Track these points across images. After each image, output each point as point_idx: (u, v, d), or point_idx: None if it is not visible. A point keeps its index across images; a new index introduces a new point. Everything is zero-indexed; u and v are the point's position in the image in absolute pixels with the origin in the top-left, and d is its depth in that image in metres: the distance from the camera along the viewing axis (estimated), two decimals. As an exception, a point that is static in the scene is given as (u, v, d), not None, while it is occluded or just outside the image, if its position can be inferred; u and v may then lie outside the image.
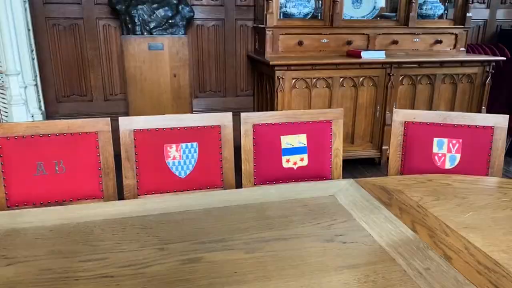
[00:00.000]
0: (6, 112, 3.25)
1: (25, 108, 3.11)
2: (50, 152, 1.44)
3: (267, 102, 3.37)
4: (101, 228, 1.04)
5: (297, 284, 0.82)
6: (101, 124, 1.48)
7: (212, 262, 0.90)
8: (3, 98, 3.24)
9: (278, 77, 3.03)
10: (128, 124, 1.51)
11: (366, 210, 1.13)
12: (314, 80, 3.12)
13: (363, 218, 1.09)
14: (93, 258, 0.91)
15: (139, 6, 3.06)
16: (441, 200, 1.21)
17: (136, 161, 1.53)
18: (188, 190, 1.57)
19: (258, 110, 3.69)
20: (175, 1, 3.18)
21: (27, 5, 3.16)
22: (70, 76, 3.44)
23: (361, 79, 3.20)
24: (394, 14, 3.58)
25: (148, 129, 1.53)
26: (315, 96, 3.16)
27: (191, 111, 3.35)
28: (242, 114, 1.60)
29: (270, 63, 2.98)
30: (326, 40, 3.39)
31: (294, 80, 3.08)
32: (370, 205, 1.16)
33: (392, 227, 1.04)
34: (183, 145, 1.55)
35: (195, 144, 1.56)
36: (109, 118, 1.50)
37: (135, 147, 1.52)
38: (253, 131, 1.61)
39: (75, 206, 1.19)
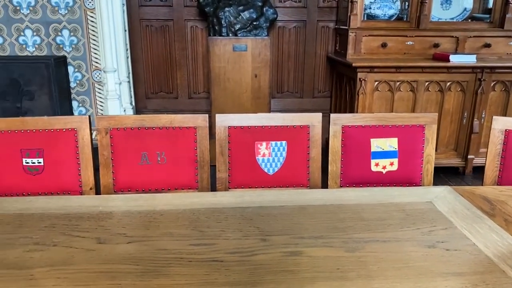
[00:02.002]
0: (102, 105, 3.56)
1: (119, 103, 3.38)
2: (153, 143, 1.57)
3: (346, 104, 3.34)
4: (206, 215, 1.12)
5: (401, 286, 0.82)
6: (200, 120, 1.58)
7: (313, 257, 0.93)
8: (99, 92, 3.55)
9: (360, 79, 2.99)
10: (224, 121, 1.59)
11: (468, 219, 1.09)
12: (398, 83, 3.03)
13: (465, 226, 1.06)
14: (202, 243, 0.98)
15: (226, 9, 3.18)
16: (552, 215, 1.13)
17: (229, 156, 1.60)
18: (275, 187, 1.62)
19: (336, 112, 3.66)
20: (259, 4, 3.27)
21: (125, 7, 3.44)
22: (159, 74, 3.67)
23: (448, 83, 3.05)
24: (487, 15, 3.36)
25: (241, 126, 1.60)
26: (398, 99, 3.07)
27: (269, 111, 3.42)
28: (332, 115, 1.62)
29: (353, 64, 2.95)
30: (411, 43, 3.28)
31: (376, 83, 3.02)
32: (472, 214, 1.12)
33: (498, 238, 0.99)
34: (273, 143, 1.60)
35: (284, 142, 1.60)
36: (207, 115, 1.59)
37: (228, 143, 1.60)
38: (342, 132, 1.61)
39: (180, 194, 1.29)
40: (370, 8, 3.31)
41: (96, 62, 3.49)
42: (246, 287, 0.82)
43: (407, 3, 3.32)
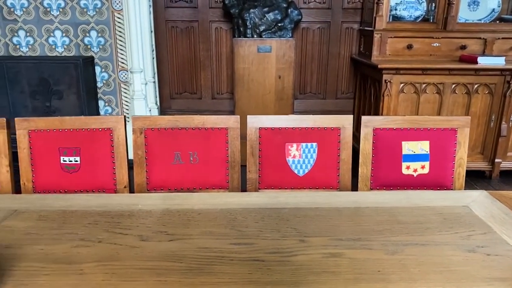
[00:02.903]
0: (127, 105, 3.62)
1: (145, 103, 3.44)
2: (186, 143, 1.60)
3: (370, 106, 3.32)
4: (243, 215, 1.13)
5: (444, 290, 0.83)
6: (232, 121, 1.60)
7: (354, 259, 0.93)
8: (125, 93, 3.61)
9: (385, 80, 2.97)
10: (255, 122, 1.61)
11: (507, 224, 1.08)
12: (424, 85, 3.01)
13: (504, 231, 1.05)
14: (242, 242, 1.00)
15: (251, 10, 3.20)
16: None
17: (259, 156, 1.62)
18: (304, 188, 1.63)
19: (359, 114, 3.65)
20: (284, 5, 3.28)
21: (151, 9, 3.50)
22: (183, 75, 3.72)
23: (475, 86, 3.01)
24: (517, 16, 3.30)
25: (272, 128, 1.61)
26: (423, 101, 3.04)
27: (292, 112, 3.42)
28: (363, 118, 1.62)
29: (379, 66, 2.94)
30: (437, 44, 3.24)
31: (402, 85, 3.00)
32: (510, 219, 1.11)
33: (540, 244, 0.98)
34: (303, 144, 1.61)
35: (314, 144, 1.61)
36: (238, 116, 1.61)
37: (259, 143, 1.62)
38: (374, 135, 1.61)
39: (215, 194, 1.31)
40: (396, 10, 3.29)
41: (122, 63, 3.56)
42: (289, 287, 0.84)
43: (433, 5, 3.28)
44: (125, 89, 3.61)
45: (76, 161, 1.56)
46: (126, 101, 3.63)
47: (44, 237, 1.02)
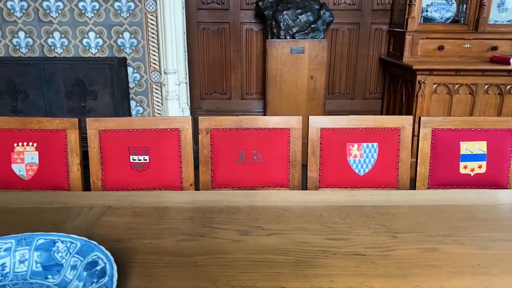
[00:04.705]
0: (158, 106, 3.69)
1: (178, 103, 3.49)
2: (250, 143, 1.65)
3: (401, 106, 3.36)
4: (328, 212, 1.18)
5: (547, 282, 0.87)
6: (294, 122, 1.65)
7: (449, 253, 0.98)
8: (156, 93, 3.67)
9: (419, 81, 3.01)
10: (316, 122, 1.66)
11: None
12: (457, 86, 3.05)
13: None
14: (337, 238, 1.05)
15: (285, 12, 3.25)
16: None
17: (320, 156, 1.67)
18: (364, 188, 1.67)
19: (388, 114, 3.69)
20: (317, 7, 3.32)
21: (184, 10, 3.55)
22: (214, 76, 3.78)
23: (508, 87, 3.05)
24: (547, 18, 3.33)
25: (333, 128, 1.66)
26: (456, 102, 3.08)
27: (324, 112, 3.47)
28: (423, 118, 1.66)
29: (413, 67, 2.98)
30: (468, 45, 3.28)
31: (435, 85, 3.04)
32: None
33: None
34: (364, 144, 1.66)
35: (375, 144, 1.66)
36: (300, 117, 1.66)
37: (320, 143, 1.66)
38: (432, 135, 1.66)
39: (294, 192, 1.37)
40: (427, 11, 3.33)
41: (154, 64, 3.62)
42: (398, 279, 0.88)
43: (464, 6, 3.32)
44: (156, 89, 3.67)
45: (145, 160, 1.62)
46: (157, 102, 3.69)
47: (147, 232, 1.07)
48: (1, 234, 0.93)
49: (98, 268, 0.79)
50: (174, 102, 3.47)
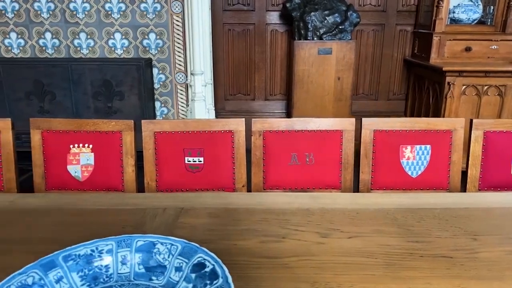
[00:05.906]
0: (183, 107, 3.70)
1: (204, 104, 3.51)
2: (303, 145, 1.66)
3: (427, 107, 3.36)
4: (401, 215, 1.19)
5: None
6: (347, 123, 1.66)
7: (535, 256, 0.99)
8: (181, 94, 3.69)
9: (448, 82, 3.02)
10: (369, 125, 1.67)
11: None
12: (486, 87, 3.05)
13: None
14: (419, 240, 1.06)
15: (312, 13, 3.26)
16: None
17: (372, 158, 1.68)
18: (416, 190, 1.68)
19: (412, 115, 3.70)
20: (344, 8, 3.33)
21: (210, 12, 3.57)
22: (238, 77, 3.79)
23: (537, 88, 3.05)
24: None
25: (386, 130, 1.67)
26: (484, 103, 3.08)
27: (350, 113, 3.48)
28: (475, 121, 1.67)
29: (443, 68, 2.98)
30: (495, 47, 3.28)
31: (464, 87, 3.05)
32: None
33: None
34: (418, 146, 1.66)
35: (428, 146, 1.66)
36: (353, 119, 1.67)
37: (373, 145, 1.67)
38: (484, 137, 1.67)
39: (359, 194, 1.37)
40: (454, 13, 3.33)
41: (179, 65, 3.63)
42: (494, 281, 0.89)
43: (492, 7, 3.32)
44: (181, 90, 3.69)
45: (200, 161, 1.63)
46: (181, 102, 3.70)
47: (227, 233, 1.08)
48: (86, 235, 0.94)
49: (207, 270, 0.80)
50: (201, 103, 3.48)
